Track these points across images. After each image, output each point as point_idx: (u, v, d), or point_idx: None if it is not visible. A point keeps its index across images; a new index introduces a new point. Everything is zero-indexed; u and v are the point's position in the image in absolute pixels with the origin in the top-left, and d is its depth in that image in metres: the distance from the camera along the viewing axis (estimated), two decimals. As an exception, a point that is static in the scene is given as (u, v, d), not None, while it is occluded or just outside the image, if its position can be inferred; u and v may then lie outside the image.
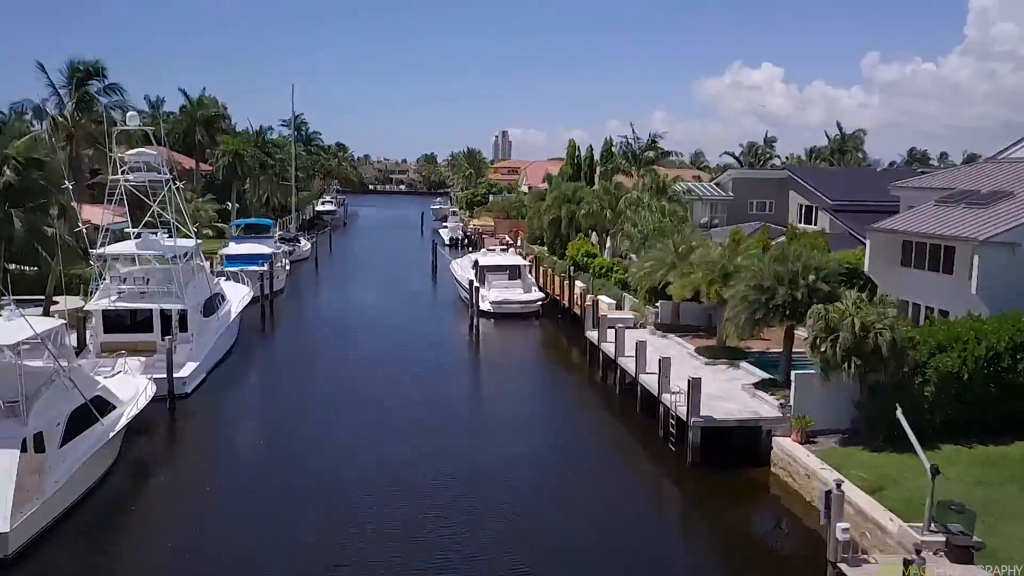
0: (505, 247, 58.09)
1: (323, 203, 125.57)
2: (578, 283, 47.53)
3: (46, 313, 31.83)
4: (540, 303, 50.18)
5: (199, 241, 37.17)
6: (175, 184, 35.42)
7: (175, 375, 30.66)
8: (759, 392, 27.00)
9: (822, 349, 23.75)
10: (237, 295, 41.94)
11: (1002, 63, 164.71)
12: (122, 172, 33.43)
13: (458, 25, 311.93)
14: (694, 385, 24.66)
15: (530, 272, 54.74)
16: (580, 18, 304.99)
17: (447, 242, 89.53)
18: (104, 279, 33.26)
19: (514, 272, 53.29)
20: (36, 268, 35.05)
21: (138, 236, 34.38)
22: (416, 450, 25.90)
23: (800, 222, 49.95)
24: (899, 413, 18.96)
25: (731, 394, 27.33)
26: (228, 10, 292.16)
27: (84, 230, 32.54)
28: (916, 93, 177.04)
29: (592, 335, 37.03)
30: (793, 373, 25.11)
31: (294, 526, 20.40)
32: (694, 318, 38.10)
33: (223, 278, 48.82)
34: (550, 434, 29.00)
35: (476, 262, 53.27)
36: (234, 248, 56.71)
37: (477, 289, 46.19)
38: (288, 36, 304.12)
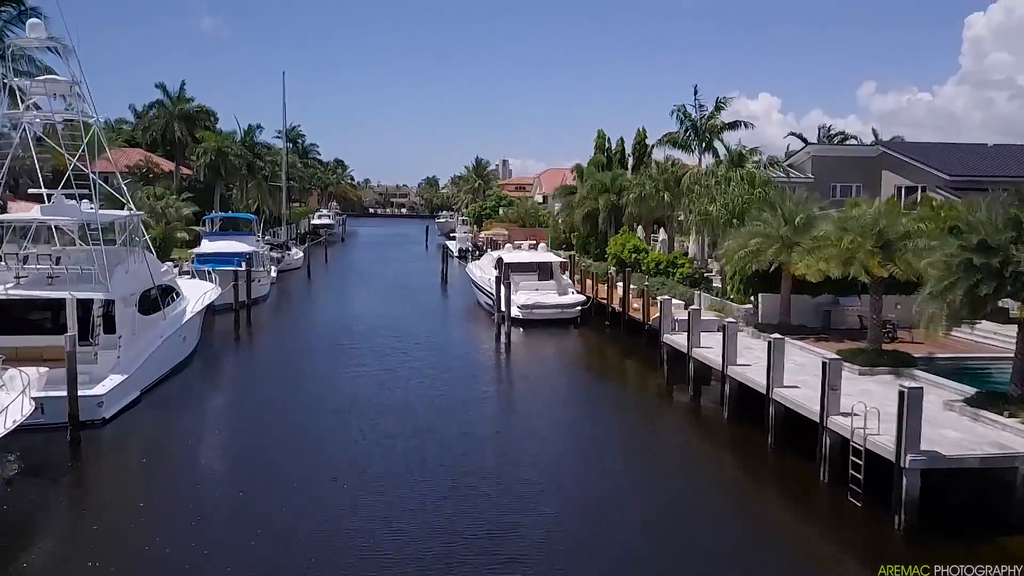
0: (534, 244, 48.44)
1: (320, 216, 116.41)
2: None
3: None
4: (580, 307, 40.57)
5: (137, 212, 27.29)
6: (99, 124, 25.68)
7: (88, 393, 21.06)
8: (984, 412, 17.23)
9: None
10: (197, 292, 32.16)
11: (998, 92, 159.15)
12: (24, 108, 23.83)
13: (458, 52, 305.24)
14: (911, 402, 14.83)
15: (564, 271, 45.18)
16: (579, 48, 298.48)
17: (456, 254, 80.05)
18: (-1, 260, 23.63)
19: (545, 271, 43.80)
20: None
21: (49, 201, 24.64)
22: (447, 517, 16.11)
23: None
24: None
25: (936, 417, 17.46)
26: (224, 31, 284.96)
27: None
28: (912, 122, 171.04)
29: (676, 340, 27.29)
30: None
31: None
32: (808, 316, 28.42)
33: (187, 276, 39.26)
34: (642, 485, 19.00)
35: (500, 260, 43.65)
36: (207, 246, 46.91)
37: (508, 286, 36.46)
38: (285, 59, 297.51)
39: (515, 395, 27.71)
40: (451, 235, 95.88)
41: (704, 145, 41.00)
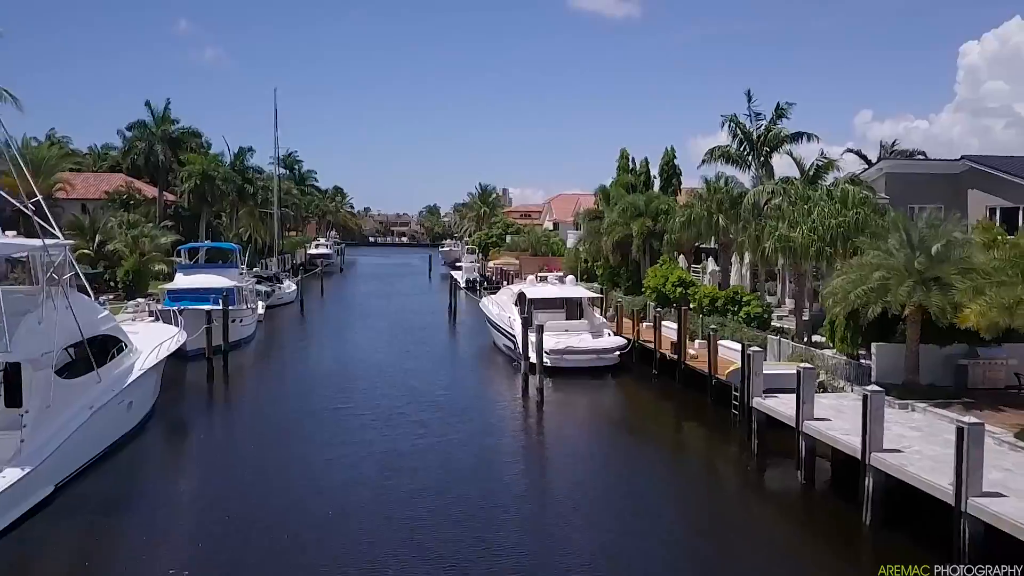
0: (560, 276, 42.11)
1: (316, 246, 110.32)
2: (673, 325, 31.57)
3: None
4: (619, 352, 34.23)
5: (63, 243, 20.67)
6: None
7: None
8: None
9: None
10: (154, 340, 25.61)
11: (994, 119, 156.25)
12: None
13: (456, 81, 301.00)
14: None
15: (594, 307, 38.87)
16: (575, 76, 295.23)
17: (463, 285, 73.70)
18: None
19: (574, 307, 37.53)
20: None
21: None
22: None
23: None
24: None
25: None
26: (226, 62, 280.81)
27: None
28: (910, 150, 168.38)
29: (772, 407, 20.78)
30: None
31: None
32: (935, 372, 21.98)
33: (151, 319, 32.86)
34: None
35: (522, 295, 37.46)
36: (181, 281, 40.54)
37: (540, 330, 29.98)
38: (284, 86, 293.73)
39: (563, 493, 20.15)
40: (456, 264, 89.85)
41: (762, 160, 34.80)
